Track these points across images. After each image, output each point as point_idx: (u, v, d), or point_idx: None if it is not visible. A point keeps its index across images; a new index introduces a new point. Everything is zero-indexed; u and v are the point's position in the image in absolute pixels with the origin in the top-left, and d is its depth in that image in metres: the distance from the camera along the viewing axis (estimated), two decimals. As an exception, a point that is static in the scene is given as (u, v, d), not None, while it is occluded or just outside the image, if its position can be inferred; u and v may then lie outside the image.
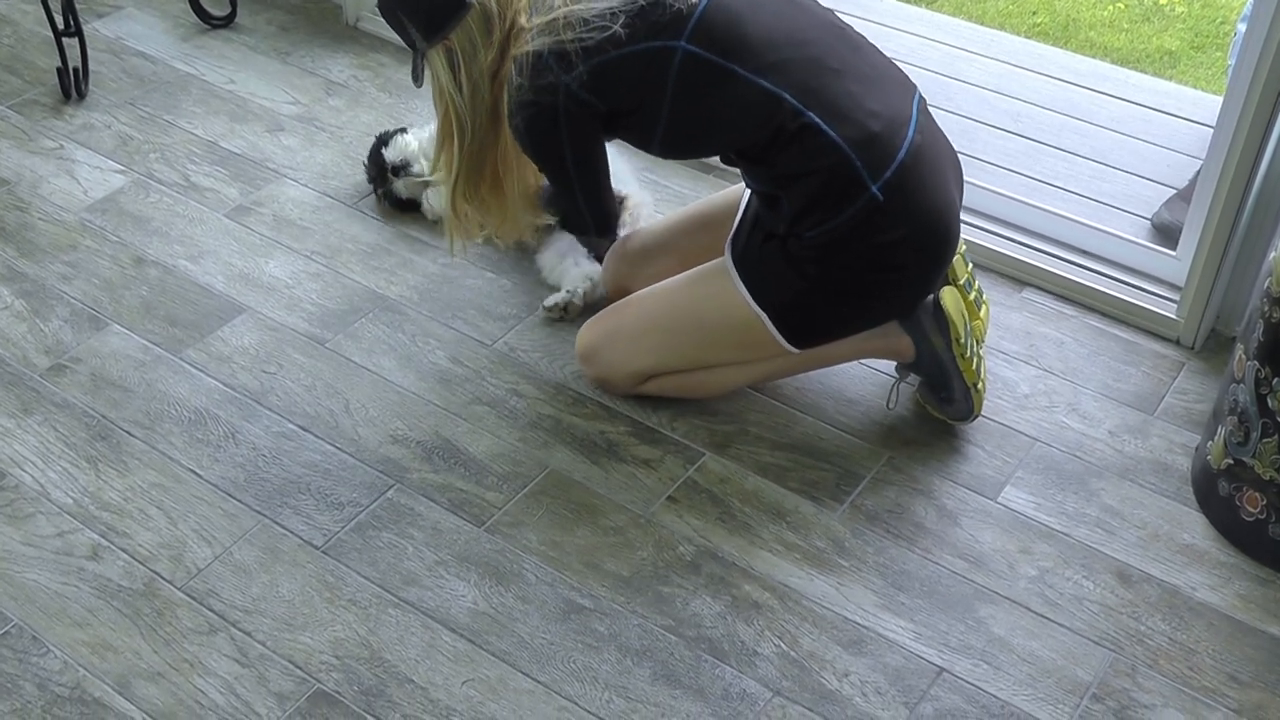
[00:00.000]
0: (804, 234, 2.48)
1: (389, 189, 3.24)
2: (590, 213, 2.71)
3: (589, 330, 2.79)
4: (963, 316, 2.63)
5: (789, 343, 2.60)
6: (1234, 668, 2.32)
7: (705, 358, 2.72)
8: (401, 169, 3.21)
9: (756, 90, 2.44)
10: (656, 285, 2.75)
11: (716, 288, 2.62)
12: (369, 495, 2.57)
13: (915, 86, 2.60)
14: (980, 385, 2.68)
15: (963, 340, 2.63)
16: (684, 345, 2.69)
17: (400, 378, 2.83)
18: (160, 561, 2.44)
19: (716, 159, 2.80)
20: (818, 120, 2.43)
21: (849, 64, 2.51)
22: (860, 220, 2.45)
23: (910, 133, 2.49)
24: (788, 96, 2.44)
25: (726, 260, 2.62)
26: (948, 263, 2.60)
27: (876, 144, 2.45)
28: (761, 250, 2.56)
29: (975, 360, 2.66)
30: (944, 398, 2.70)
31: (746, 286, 2.56)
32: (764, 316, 2.57)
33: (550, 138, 2.55)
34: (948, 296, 2.62)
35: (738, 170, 2.66)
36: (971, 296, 2.70)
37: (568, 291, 2.98)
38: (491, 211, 2.75)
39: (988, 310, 2.80)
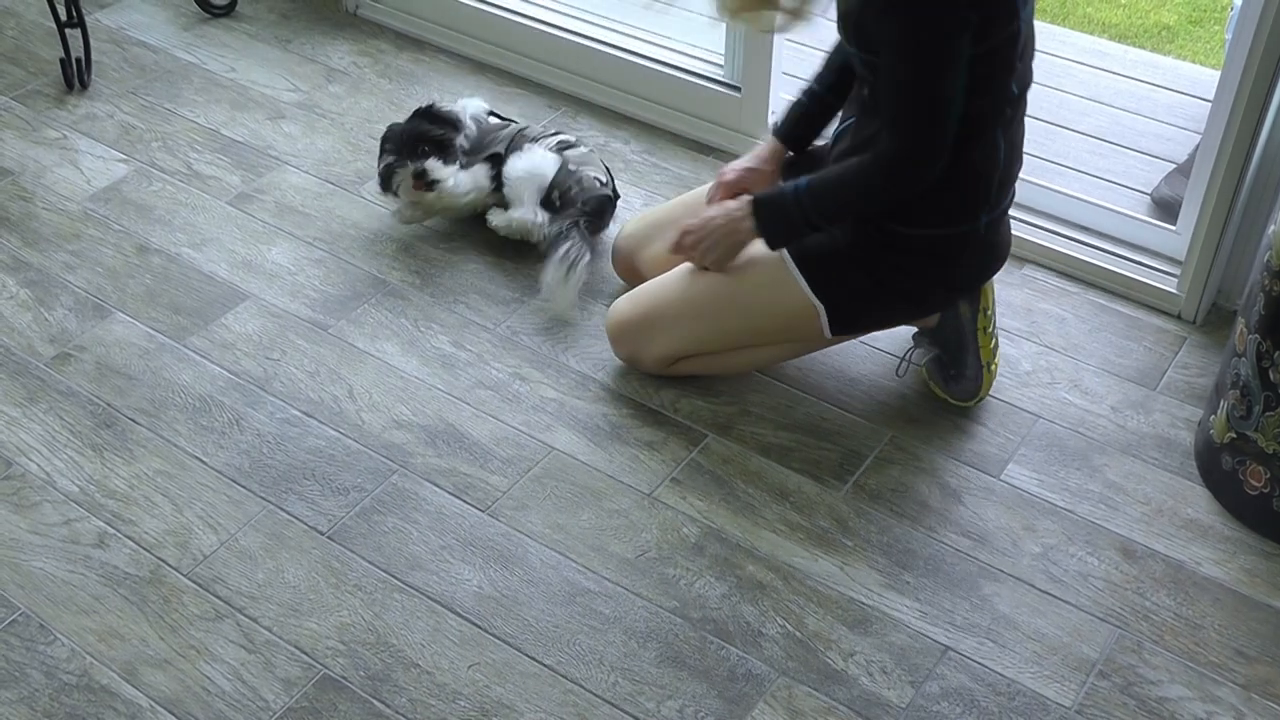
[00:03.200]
0: (900, 229, 2.50)
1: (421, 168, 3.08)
2: (922, 127, 2.39)
3: (624, 310, 2.76)
4: (992, 288, 2.66)
5: (833, 332, 2.64)
6: (1240, 642, 2.33)
7: (745, 342, 2.71)
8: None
9: (1016, 66, 2.43)
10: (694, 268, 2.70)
11: (768, 276, 2.60)
12: (373, 480, 2.58)
13: None
14: (993, 366, 2.69)
15: (989, 312, 2.64)
16: (726, 330, 2.68)
17: (403, 363, 2.83)
18: (166, 548, 2.45)
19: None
20: (1002, 138, 2.48)
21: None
22: (955, 240, 2.52)
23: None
24: (1019, 91, 2.47)
25: (783, 252, 2.60)
26: None
27: (1007, 183, 2.54)
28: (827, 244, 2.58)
29: (994, 340, 2.67)
30: (954, 374, 2.70)
31: (807, 279, 2.57)
32: (820, 308, 2.58)
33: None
34: None
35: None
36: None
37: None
38: None
39: (992, 288, 2.80)
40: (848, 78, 2.65)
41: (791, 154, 2.76)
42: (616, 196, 3.13)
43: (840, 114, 2.67)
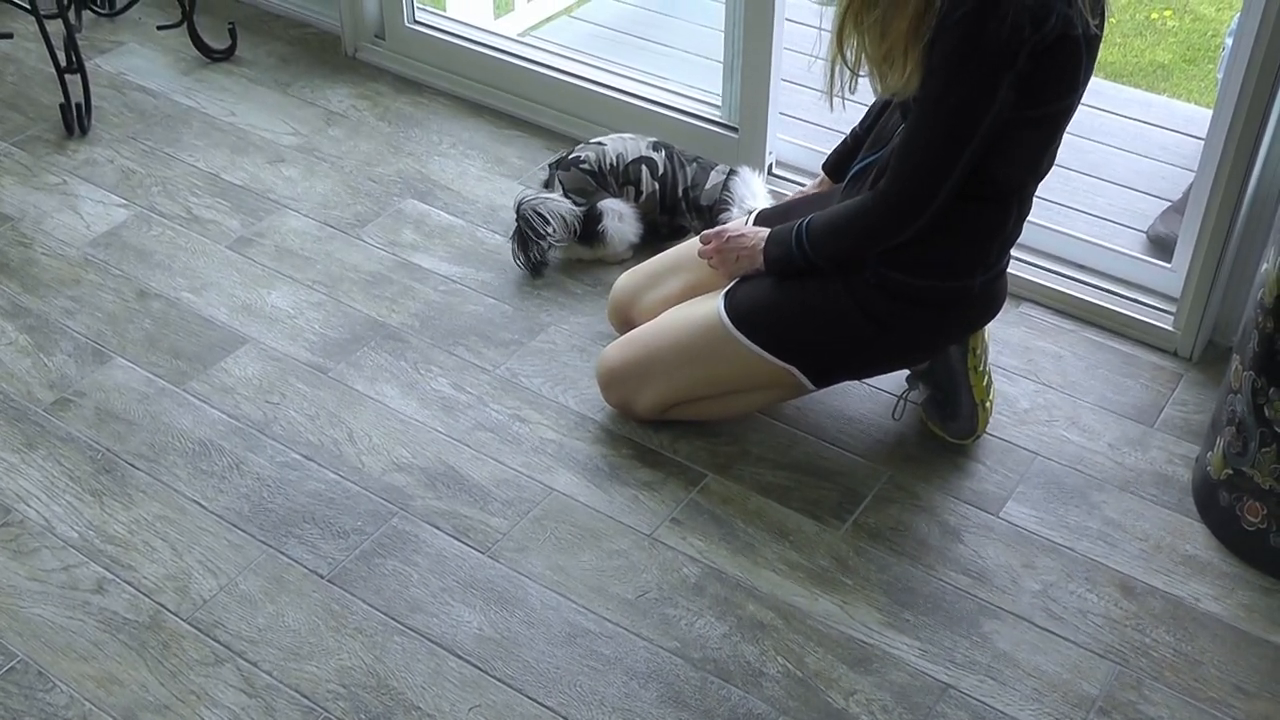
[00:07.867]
0: (893, 275, 2.51)
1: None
2: (921, 179, 2.39)
3: (614, 357, 2.75)
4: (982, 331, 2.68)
5: (814, 385, 2.66)
6: (1240, 678, 2.33)
7: (736, 387, 2.70)
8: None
9: (1057, 141, 2.48)
10: (688, 315, 2.70)
11: (737, 349, 2.63)
12: (373, 523, 2.58)
13: None
14: (988, 404, 2.69)
15: (979, 352, 2.65)
16: (716, 377, 2.67)
17: (403, 405, 2.84)
18: (165, 593, 2.45)
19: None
20: (1018, 209, 2.52)
21: None
22: (946, 294, 2.54)
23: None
24: (1047, 167, 2.53)
25: (733, 330, 2.63)
26: None
27: (1007, 246, 2.57)
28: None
29: (986, 378, 2.68)
30: (948, 413, 2.71)
31: (764, 348, 2.61)
32: (792, 369, 2.61)
33: (988, 48, 2.24)
34: None
35: None
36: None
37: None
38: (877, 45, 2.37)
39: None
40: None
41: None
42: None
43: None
